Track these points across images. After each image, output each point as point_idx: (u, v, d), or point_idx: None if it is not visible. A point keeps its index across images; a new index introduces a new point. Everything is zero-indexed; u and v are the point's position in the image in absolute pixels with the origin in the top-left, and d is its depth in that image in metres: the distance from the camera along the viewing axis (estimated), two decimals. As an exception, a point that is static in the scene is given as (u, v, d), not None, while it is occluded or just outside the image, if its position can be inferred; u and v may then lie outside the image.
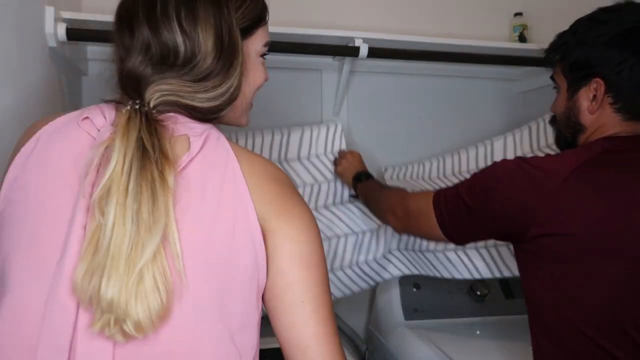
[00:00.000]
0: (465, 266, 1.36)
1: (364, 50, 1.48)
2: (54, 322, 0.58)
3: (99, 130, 0.65)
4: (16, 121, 1.03)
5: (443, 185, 1.37)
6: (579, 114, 0.94)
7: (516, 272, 1.03)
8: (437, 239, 1.05)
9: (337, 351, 0.66)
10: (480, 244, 1.35)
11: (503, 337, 1.38)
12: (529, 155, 1.21)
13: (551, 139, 1.44)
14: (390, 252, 1.45)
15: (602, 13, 0.93)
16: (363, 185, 1.34)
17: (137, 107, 0.63)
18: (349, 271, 1.43)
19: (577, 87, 0.94)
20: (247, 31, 0.74)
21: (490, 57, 1.60)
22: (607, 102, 0.90)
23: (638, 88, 0.87)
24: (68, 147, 0.65)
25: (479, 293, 1.53)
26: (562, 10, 1.72)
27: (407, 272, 1.46)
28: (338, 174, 1.48)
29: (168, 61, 0.67)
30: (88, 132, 0.65)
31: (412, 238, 1.38)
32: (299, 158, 1.51)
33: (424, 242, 1.37)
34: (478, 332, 1.43)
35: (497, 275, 1.36)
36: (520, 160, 0.89)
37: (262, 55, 0.79)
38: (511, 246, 1.08)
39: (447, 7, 1.84)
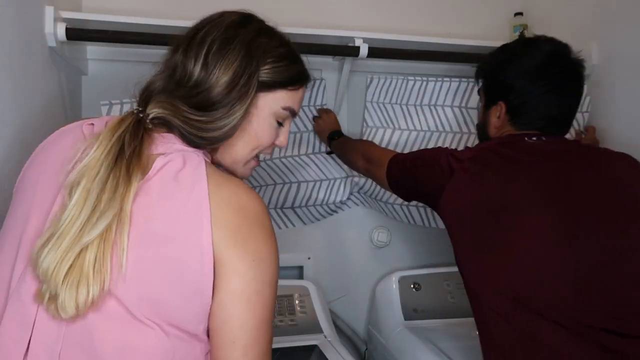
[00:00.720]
0: (404, 213, 1.72)
1: (364, 50, 1.48)
2: (20, 292, 0.63)
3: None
4: (16, 121, 1.03)
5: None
6: (488, 128, 1.18)
7: (441, 226, 1.35)
8: (386, 189, 1.28)
9: None
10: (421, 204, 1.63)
11: (503, 337, 1.38)
12: None
13: None
14: (352, 193, 1.72)
15: (517, 47, 1.17)
16: (337, 141, 1.54)
17: (135, 111, 0.69)
18: (319, 207, 1.69)
19: (489, 105, 1.17)
20: (267, 86, 0.77)
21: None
22: (506, 119, 1.13)
23: (531, 111, 1.09)
24: (64, 147, 0.71)
25: (478, 293, 1.54)
26: (562, 10, 1.72)
27: (361, 206, 1.77)
28: (316, 132, 1.66)
29: (181, 82, 0.74)
30: (84, 134, 0.72)
31: (371, 187, 1.67)
32: None
33: (381, 192, 1.67)
34: (478, 332, 1.43)
35: (427, 225, 1.73)
36: (447, 149, 1.12)
37: (280, 121, 0.82)
38: None
39: (447, 7, 1.84)
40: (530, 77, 1.09)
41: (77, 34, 1.27)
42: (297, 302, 1.53)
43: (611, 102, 1.51)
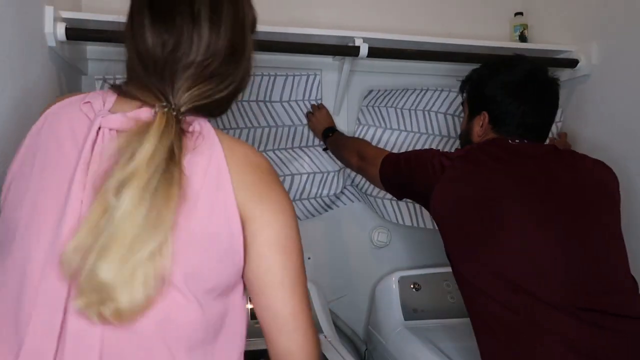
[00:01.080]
0: (392, 210, 1.74)
1: (364, 50, 1.48)
2: (47, 294, 0.61)
3: (95, 114, 0.69)
4: (15, 120, 1.03)
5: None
6: (471, 136, 1.29)
7: (429, 225, 1.70)
8: (379, 187, 1.36)
9: (310, 326, 0.72)
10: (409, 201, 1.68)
11: (503, 337, 1.38)
12: None
13: None
14: (345, 187, 1.75)
15: (500, 64, 1.28)
16: (332, 138, 1.60)
17: (168, 110, 0.67)
18: (313, 201, 1.71)
19: (473, 115, 1.29)
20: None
21: (491, 57, 1.59)
22: (489, 128, 1.25)
23: (510, 119, 1.21)
24: (68, 126, 0.70)
25: (478, 293, 1.54)
26: (562, 10, 1.72)
27: (355, 202, 1.79)
28: (310, 129, 1.70)
29: (188, 58, 0.70)
30: (86, 114, 0.70)
31: (361, 181, 1.72)
32: (280, 100, 1.68)
33: (370, 187, 1.72)
34: (474, 332, 1.43)
35: (416, 224, 1.76)
36: (438, 151, 1.23)
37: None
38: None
39: (447, 7, 1.84)
40: (511, 91, 1.21)
41: (77, 33, 1.27)
42: (297, 302, 1.53)
43: (611, 102, 1.51)
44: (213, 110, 0.76)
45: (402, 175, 1.25)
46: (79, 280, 0.59)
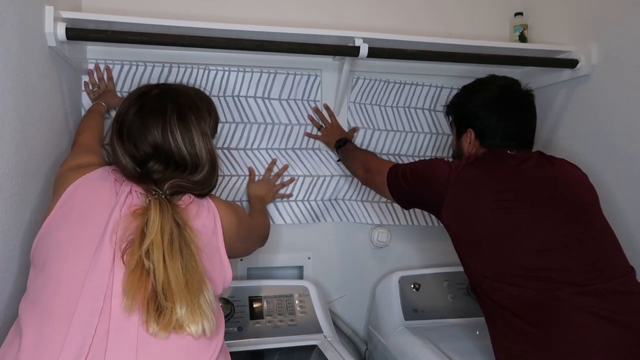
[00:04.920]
0: (389, 213, 1.80)
1: (364, 50, 1.48)
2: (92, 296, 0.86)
3: (120, 183, 0.98)
4: (16, 120, 1.03)
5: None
6: (463, 153, 1.38)
7: (422, 222, 1.82)
8: (387, 197, 1.42)
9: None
10: None
11: (503, 337, 1.38)
12: None
13: None
14: (335, 200, 1.76)
15: (476, 85, 1.40)
16: (342, 150, 1.65)
17: (159, 195, 0.94)
18: (301, 205, 1.72)
19: (460, 134, 1.39)
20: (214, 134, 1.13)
21: (491, 57, 1.59)
22: (477, 143, 1.34)
23: (493, 132, 1.31)
24: (101, 186, 0.97)
25: (478, 293, 1.54)
26: (562, 10, 1.72)
27: (343, 219, 1.78)
28: (324, 143, 1.73)
29: (177, 166, 1.01)
30: (116, 179, 0.99)
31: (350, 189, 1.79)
32: (279, 98, 1.69)
33: (366, 194, 1.79)
34: (478, 332, 1.43)
35: (410, 223, 1.81)
36: (444, 160, 1.31)
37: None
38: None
39: (447, 7, 1.84)
40: (489, 107, 1.32)
41: (77, 33, 1.27)
42: (297, 302, 1.53)
43: (611, 102, 1.51)
44: (193, 190, 1.01)
45: (410, 186, 1.31)
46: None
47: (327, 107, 1.73)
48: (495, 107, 1.32)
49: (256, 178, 1.66)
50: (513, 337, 1.10)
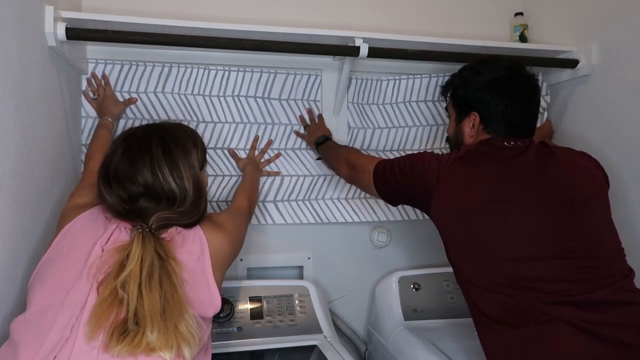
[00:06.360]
0: (381, 210, 1.77)
1: (364, 50, 1.48)
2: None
3: (109, 220, 1.02)
4: (16, 120, 1.03)
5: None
6: (463, 138, 1.29)
7: (413, 217, 1.76)
8: (373, 195, 1.35)
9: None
10: None
11: (503, 337, 1.38)
12: None
13: None
14: (339, 199, 1.75)
15: (480, 65, 1.29)
16: (322, 147, 1.61)
17: (144, 229, 0.96)
18: (301, 204, 1.71)
19: (462, 118, 1.29)
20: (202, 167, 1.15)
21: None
22: (480, 128, 1.25)
23: (499, 118, 1.22)
24: (89, 229, 1.01)
25: (478, 293, 1.53)
26: (562, 10, 1.72)
27: (348, 219, 1.75)
28: (306, 142, 1.71)
29: (168, 201, 1.04)
30: (106, 217, 1.03)
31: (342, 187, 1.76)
32: (279, 98, 1.69)
33: (351, 192, 1.76)
34: (477, 331, 1.43)
35: (415, 217, 1.79)
36: (433, 153, 1.24)
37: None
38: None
39: (447, 7, 1.84)
40: (496, 90, 1.23)
41: (77, 33, 1.27)
42: (297, 302, 1.53)
43: (611, 102, 1.51)
44: (180, 221, 1.03)
45: (397, 182, 1.25)
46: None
47: (318, 115, 1.73)
48: (503, 90, 1.22)
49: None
50: (497, 347, 1.07)
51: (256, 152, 1.67)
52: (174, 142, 1.06)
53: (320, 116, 1.72)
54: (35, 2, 1.15)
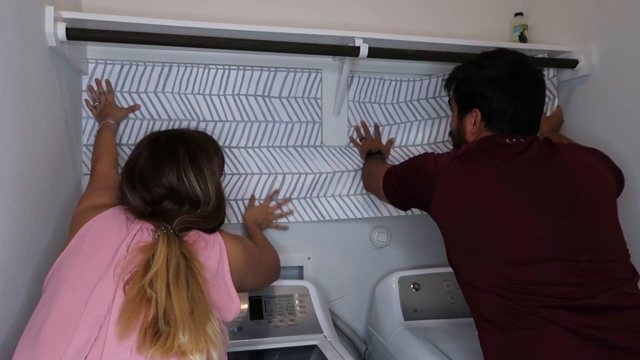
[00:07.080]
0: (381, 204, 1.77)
1: (364, 50, 1.48)
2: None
3: (132, 222, 1.03)
4: (16, 120, 1.03)
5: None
6: (465, 134, 1.27)
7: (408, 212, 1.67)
8: (384, 200, 1.41)
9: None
10: None
11: (502, 337, 1.38)
12: None
13: None
14: (340, 196, 1.75)
15: (484, 59, 1.26)
16: (368, 158, 1.67)
17: (168, 230, 0.98)
18: (303, 202, 1.71)
19: (464, 113, 1.28)
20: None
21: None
22: (482, 125, 1.23)
23: (502, 115, 1.20)
24: (112, 223, 1.03)
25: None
26: (562, 10, 1.72)
27: (350, 215, 1.74)
28: (360, 152, 1.73)
29: (191, 204, 1.06)
30: (127, 217, 1.04)
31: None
32: (279, 96, 1.69)
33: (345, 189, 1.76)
34: (477, 333, 1.43)
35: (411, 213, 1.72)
36: (432, 153, 1.24)
37: None
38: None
39: (447, 7, 1.84)
40: (500, 86, 1.19)
41: (77, 33, 1.27)
42: (297, 302, 1.53)
43: (611, 102, 1.51)
44: (202, 225, 1.05)
45: (402, 186, 1.27)
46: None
47: (376, 126, 1.75)
48: (506, 86, 1.19)
49: (256, 203, 1.66)
50: (493, 349, 1.07)
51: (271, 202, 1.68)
52: (199, 149, 1.11)
53: (376, 127, 1.75)
54: (35, 2, 1.15)
